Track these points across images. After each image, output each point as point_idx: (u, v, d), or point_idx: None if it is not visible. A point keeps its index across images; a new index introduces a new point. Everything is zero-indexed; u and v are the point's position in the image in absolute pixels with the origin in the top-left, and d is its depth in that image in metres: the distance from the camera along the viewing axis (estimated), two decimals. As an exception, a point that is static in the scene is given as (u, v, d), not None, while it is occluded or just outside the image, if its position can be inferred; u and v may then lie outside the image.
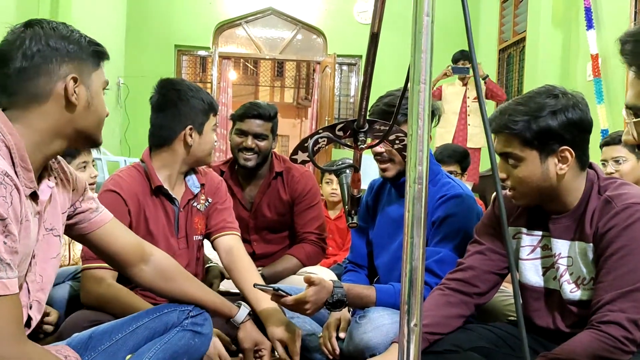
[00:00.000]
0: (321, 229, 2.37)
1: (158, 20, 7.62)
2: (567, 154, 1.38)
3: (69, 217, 1.25)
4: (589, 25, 4.88)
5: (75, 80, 1.06)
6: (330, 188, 3.13)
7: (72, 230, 1.28)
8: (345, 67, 8.31)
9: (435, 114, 1.81)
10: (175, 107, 1.80)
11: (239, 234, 1.91)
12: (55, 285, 1.85)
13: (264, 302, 1.61)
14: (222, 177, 2.16)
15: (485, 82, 5.27)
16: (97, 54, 1.11)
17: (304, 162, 1.11)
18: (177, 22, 7.69)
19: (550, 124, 1.36)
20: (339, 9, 7.81)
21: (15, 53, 1.03)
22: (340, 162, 1.28)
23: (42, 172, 1.11)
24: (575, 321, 1.43)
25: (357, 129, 1.00)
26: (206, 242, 1.99)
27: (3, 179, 0.92)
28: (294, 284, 1.98)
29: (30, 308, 1.11)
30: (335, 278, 2.03)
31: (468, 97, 5.41)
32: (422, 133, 0.70)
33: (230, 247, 1.84)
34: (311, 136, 1.05)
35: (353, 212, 1.19)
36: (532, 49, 6.10)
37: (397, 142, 1.12)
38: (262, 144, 2.30)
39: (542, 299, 1.51)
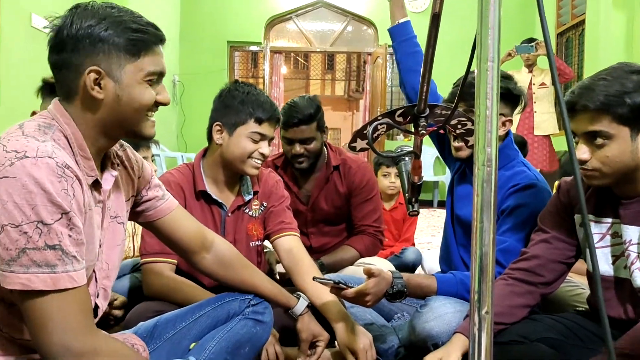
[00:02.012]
0: (379, 221, 2.35)
1: (211, 17, 7.75)
2: None
3: (136, 205, 1.27)
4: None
5: (98, 73, 1.01)
6: (388, 181, 3.09)
7: (139, 218, 1.30)
8: (396, 58, 8.20)
9: (521, 100, 1.75)
10: (215, 103, 1.81)
11: (298, 234, 1.87)
12: (117, 277, 1.91)
13: (324, 295, 1.60)
14: (277, 172, 2.16)
15: None
16: (135, 43, 1.02)
17: (362, 150, 1.09)
18: (230, 18, 7.80)
19: None
20: (390, -1, 7.71)
21: (52, 42, 1.03)
22: (399, 150, 1.25)
23: (105, 160, 1.12)
24: None
25: (418, 114, 0.97)
26: None
27: (64, 172, 0.92)
28: (352, 275, 1.98)
29: (97, 296, 1.13)
30: (393, 269, 2.01)
31: (534, 84, 5.25)
32: (490, 114, 0.67)
33: (290, 248, 1.80)
34: (370, 123, 1.04)
35: (413, 199, 1.16)
36: (592, 32, 5.85)
37: (459, 127, 1.09)
38: (311, 146, 2.25)
39: (613, 289, 1.44)
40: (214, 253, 1.42)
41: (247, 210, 1.86)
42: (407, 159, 1.23)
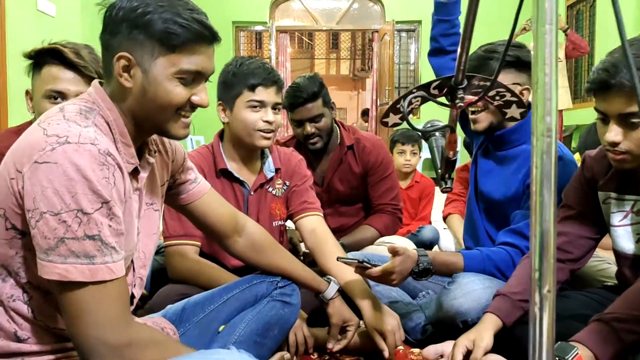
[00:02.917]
0: (396, 199, 2.32)
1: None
2: None
3: (170, 189, 1.25)
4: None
5: (128, 60, 0.96)
6: (404, 159, 3.05)
7: (173, 201, 1.28)
8: (404, 34, 8.11)
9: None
10: (218, 83, 1.79)
11: (321, 214, 1.84)
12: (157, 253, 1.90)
13: (348, 275, 1.58)
14: None
15: (566, 35, 4.95)
16: (172, 37, 0.95)
17: (395, 125, 1.06)
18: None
19: None
20: (396, -26, 7.60)
21: (103, 20, 0.99)
22: (428, 125, 1.21)
23: (142, 146, 1.08)
24: None
25: (455, 86, 0.93)
26: None
27: (106, 159, 0.89)
28: (373, 253, 1.95)
29: (134, 286, 1.11)
30: (414, 247, 1.99)
31: None
32: (549, 80, 0.63)
33: (313, 229, 1.77)
34: (404, 97, 1.00)
35: (447, 176, 1.13)
36: (604, 3, 5.74)
37: (497, 98, 1.05)
38: (321, 123, 2.23)
39: (638, 267, 1.41)
40: (246, 237, 1.41)
41: (270, 189, 1.84)
42: (437, 134, 1.19)
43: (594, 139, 2.83)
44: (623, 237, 1.41)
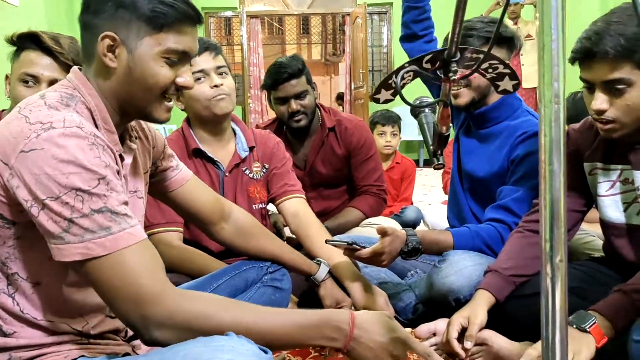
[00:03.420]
0: (380, 180, 2.31)
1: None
2: None
3: (152, 177, 1.22)
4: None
5: (113, 40, 0.94)
6: (384, 141, 3.04)
7: (155, 190, 1.25)
8: (375, 17, 8.08)
9: (515, 42, 1.70)
10: None
11: (303, 196, 1.83)
12: None
13: (336, 257, 1.56)
14: None
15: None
16: (158, 15, 0.94)
17: (386, 101, 1.03)
18: (203, -16, 7.57)
19: None
20: (366, -44, 7.54)
21: (85, 1, 0.97)
22: (417, 102, 1.19)
23: (123, 133, 1.05)
24: None
25: (448, 59, 0.91)
26: None
27: (94, 140, 0.86)
28: (360, 235, 1.94)
29: None
30: (400, 228, 1.98)
31: (520, 35, 5.22)
32: (556, 46, 0.61)
33: (296, 211, 1.76)
34: (396, 71, 0.98)
35: (439, 152, 1.11)
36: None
37: (489, 70, 1.04)
38: (306, 101, 2.21)
39: (626, 236, 1.42)
40: (232, 223, 1.38)
41: (246, 171, 1.81)
42: (427, 110, 1.18)
43: (576, 109, 2.85)
44: (610, 206, 1.42)
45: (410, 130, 6.93)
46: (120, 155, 1.00)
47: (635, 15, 0.84)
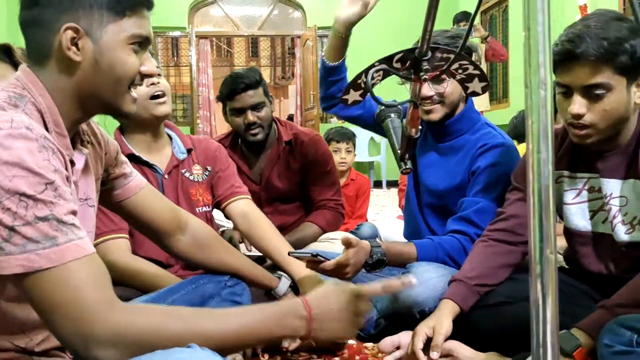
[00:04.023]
0: (338, 194, 2.28)
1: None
2: None
3: (103, 184, 1.14)
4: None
5: (75, 31, 0.88)
6: (339, 157, 3.02)
7: (107, 198, 1.17)
8: (325, 40, 8.15)
9: (473, 54, 1.71)
10: None
11: (250, 197, 1.79)
12: None
13: (301, 268, 1.51)
14: None
15: (487, 42, 5.13)
16: (119, 1, 0.90)
17: (355, 103, 1.00)
18: (150, 3, 7.44)
19: None
20: (316, -21, 7.64)
21: None
22: (382, 107, 1.17)
23: (74, 138, 0.98)
24: (631, 264, 1.35)
25: (419, 58, 0.89)
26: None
27: (44, 142, 0.79)
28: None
29: None
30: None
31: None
32: (542, 30, 0.60)
33: (245, 212, 1.72)
34: (366, 70, 0.95)
35: (407, 156, 1.09)
36: (516, 9, 6.02)
37: (459, 71, 1.03)
38: (262, 113, 2.17)
39: (591, 244, 1.43)
40: (189, 234, 1.30)
41: (186, 173, 1.75)
42: (393, 115, 1.15)
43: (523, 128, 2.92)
44: (577, 214, 1.43)
45: (362, 151, 6.99)
46: (71, 161, 0.93)
47: (633, 15, 0.85)
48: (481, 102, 5.33)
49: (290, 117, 9.18)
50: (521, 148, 3.54)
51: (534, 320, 0.61)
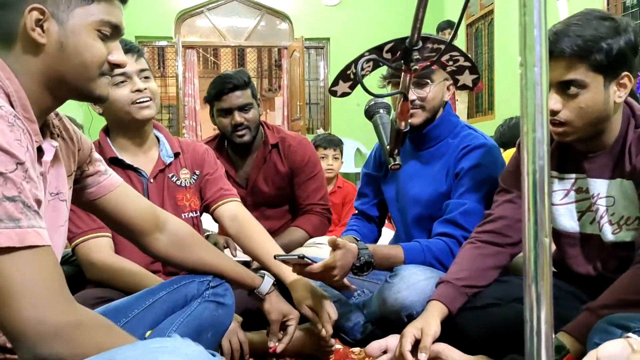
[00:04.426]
0: (325, 199, 2.25)
1: (116, 11, 7.33)
2: (626, 80, 1.27)
3: (76, 182, 1.10)
4: (560, -6, 4.84)
5: (41, 12, 0.86)
6: (326, 164, 3.00)
7: (80, 196, 1.13)
8: (312, 51, 8.18)
9: None
10: None
11: (239, 200, 1.75)
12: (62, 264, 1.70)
13: (290, 272, 1.48)
14: None
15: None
16: None
17: (344, 95, 0.98)
18: (137, 12, 7.41)
19: (621, 45, 1.22)
20: (304, -9, 7.68)
21: None
22: (371, 103, 1.15)
23: (43, 128, 0.94)
24: (618, 265, 1.34)
25: (410, 47, 0.88)
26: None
27: (15, 121, 0.76)
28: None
29: None
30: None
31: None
32: (538, 6, 0.58)
33: (234, 215, 1.68)
34: (355, 60, 0.93)
35: (396, 152, 1.07)
36: (502, 22, 6.08)
37: (450, 62, 1.01)
38: (250, 114, 2.14)
39: (579, 245, 1.42)
40: (168, 232, 1.25)
41: (173, 178, 1.70)
42: (381, 111, 1.14)
43: (512, 134, 2.94)
44: (565, 215, 1.42)
45: (348, 162, 6.98)
46: (40, 149, 0.89)
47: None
48: (460, 114, 5.36)
49: (277, 129, 9.17)
50: (506, 155, 3.55)
51: (527, 308, 0.59)
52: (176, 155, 1.73)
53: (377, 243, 2.03)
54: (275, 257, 1.43)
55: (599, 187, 1.36)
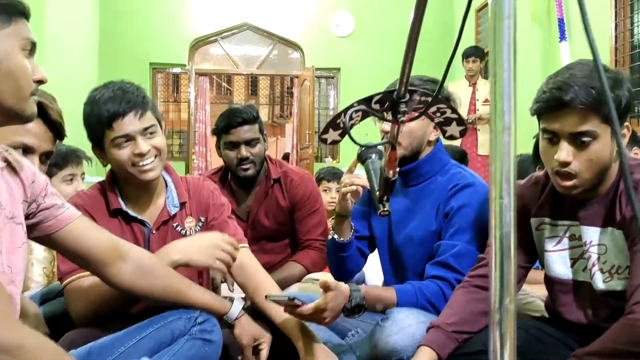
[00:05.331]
0: (325, 234, 2.25)
1: (132, 38, 7.48)
2: (626, 129, 1.28)
3: (33, 216, 1.12)
4: (562, 37, 4.88)
5: None
6: (329, 197, 3.02)
7: (37, 231, 1.14)
8: (323, 81, 8.27)
9: (451, 100, 1.70)
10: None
11: (246, 244, 1.70)
12: (43, 303, 1.69)
13: (282, 312, 1.47)
14: None
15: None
16: (5, 8, 0.93)
17: (333, 142, 1.00)
18: (152, 39, 7.57)
19: (625, 95, 1.23)
20: (316, 23, 7.79)
21: None
22: (363, 147, 1.17)
23: None
24: (610, 314, 1.33)
25: (397, 99, 0.90)
26: None
27: None
28: (301, 292, 1.86)
29: None
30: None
31: (477, 100, 4.89)
32: (508, 76, 0.60)
33: (241, 264, 1.59)
34: (345, 110, 0.95)
35: (385, 198, 1.08)
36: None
37: (437, 114, 1.03)
38: (256, 149, 2.18)
39: (571, 292, 1.42)
40: (132, 261, 1.26)
41: (178, 228, 1.63)
42: (373, 156, 1.15)
43: (519, 170, 2.93)
44: (557, 262, 1.42)
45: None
46: None
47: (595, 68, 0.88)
48: (481, 146, 5.19)
49: (286, 156, 9.22)
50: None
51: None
52: (182, 204, 1.65)
53: (363, 268, 2.04)
54: (266, 298, 1.43)
55: (592, 235, 1.36)
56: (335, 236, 1.78)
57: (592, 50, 0.63)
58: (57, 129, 1.43)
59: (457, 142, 4.90)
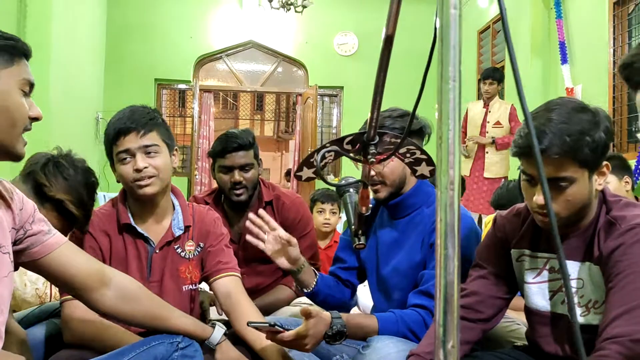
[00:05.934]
0: (315, 258, 2.29)
1: (138, 55, 7.58)
2: (605, 168, 1.31)
3: (19, 242, 1.15)
4: (564, 60, 4.91)
5: None
6: (323, 218, 3.06)
7: (24, 256, 1.18)
8: (326, 99, 8.34)
9: (424, 131, 1.74)
10: None
11: (238, 273, 1.76)
12: (35, 323, 1.73)
13: (265, 340, 1.51)
14: None
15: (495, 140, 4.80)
16: (9, 49, 0.98)
17: (308, 179, 1.04)
18: (158, 56, 7.67)
19: (602, 136, 1.25)
20: (319, 42, 7.89)
21: None
22: (342, 181, 1.21)
23: None
24: (586, 348, 1.35)
25: (368, 142, 0.94)
26: None
27: None
28: (288, 317, 1.89)
29: None
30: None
31: (488, 122, 4.86)
32: (452, 135, 0.64)
33: (228, 292, 1.68)
34: (317, 150, 0.99)
35: (360, 232, 1.12)
36: (511, 79, 6.13)
37: (407, 155, 1.07)
38: (249, 174, 2.22)
39: (549, 325, 1.44)
40: (115, 287, 1.30)
41: (179, 250, 1.71)
42: (351, 190, 1.19)
43: (509, 197, 2.95)
44: (537, 294, 1.44)
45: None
46: None
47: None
48: (500, 169, 4.92)
49: (289, 172, 9.28)
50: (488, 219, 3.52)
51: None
52: (186, 228, 1.73)
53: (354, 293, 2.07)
54: (248, 324, 1.46)
55: (570, 269, 1.38)
56: (304, 289, 1.82)
57: (520, 98, 0.66)
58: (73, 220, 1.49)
59: (468, 165, 4.82)
